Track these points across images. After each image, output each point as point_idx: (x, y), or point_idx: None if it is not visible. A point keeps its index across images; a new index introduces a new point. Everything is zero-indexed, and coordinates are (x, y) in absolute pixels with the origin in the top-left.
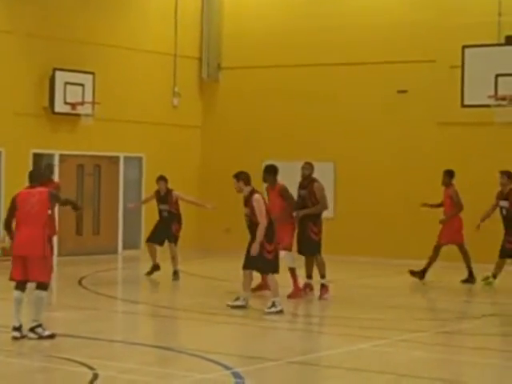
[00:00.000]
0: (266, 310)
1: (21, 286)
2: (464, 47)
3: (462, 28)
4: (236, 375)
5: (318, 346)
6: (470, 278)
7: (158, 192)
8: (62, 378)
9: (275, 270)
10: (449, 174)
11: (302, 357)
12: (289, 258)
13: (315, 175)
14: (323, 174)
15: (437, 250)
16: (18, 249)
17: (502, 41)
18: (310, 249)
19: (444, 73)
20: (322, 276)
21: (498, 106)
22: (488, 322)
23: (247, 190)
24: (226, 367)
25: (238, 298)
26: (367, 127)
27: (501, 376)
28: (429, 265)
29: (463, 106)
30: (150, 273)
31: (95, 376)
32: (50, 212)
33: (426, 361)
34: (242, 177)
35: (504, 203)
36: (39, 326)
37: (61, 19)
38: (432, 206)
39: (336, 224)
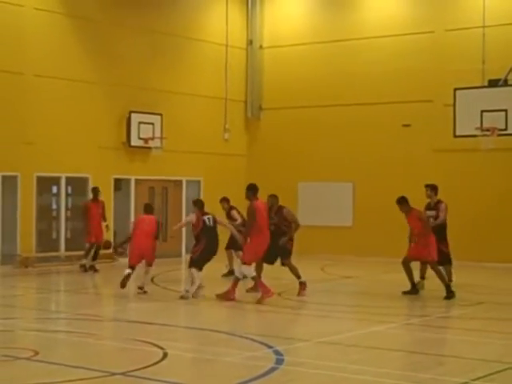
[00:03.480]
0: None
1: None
2: (455, 89)
3: (454, 74)
4: (277, 352)
5: (341, 329)
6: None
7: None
8: (139, 356)
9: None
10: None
11: (328, 337)
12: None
13: (339, 194)
14: (344, 192)
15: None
16: None
17: (486, 83)
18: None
19: (439, 110)
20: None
21: (484, 136)
22: (480, 309)
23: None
24: (269, 346)
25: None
26: (379, 154)
27: (496, 352)
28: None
29: (455, 136)
30: (225, 275)
31: (165, 355)
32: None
33: (430, 340)
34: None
35: (431, 213)
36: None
37: (135, 72)
38: None
39: (354, 231)
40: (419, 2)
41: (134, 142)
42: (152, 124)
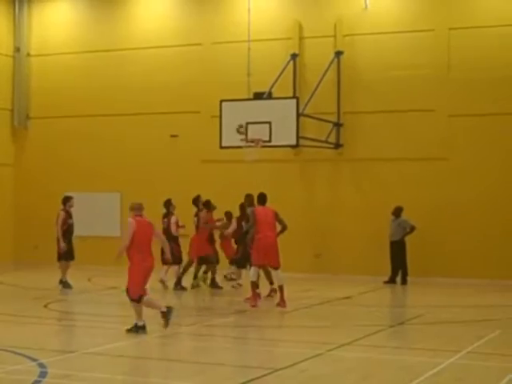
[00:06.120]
0: None
1: None
2: (221, 101)
3: (221, 86)
4: (41, 365)
5: (108, 340)
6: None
7: None
8: None
9: None
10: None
11: (94, 349)
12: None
13: (106, 204)
14: (111, 203)
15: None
16: None
17: (251, 96)
18: None
19: (206, 121)
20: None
21: (248, 147)
22: (243, 317)
23: None
24: (33, 359)
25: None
26: (147, 164)
27: (257, 358)
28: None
29: (221, 147)
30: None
31: None
32: None
33: (194, 348)
34: None
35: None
36: None
37: None
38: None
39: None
40: (186, 15)
41: None
42: None
